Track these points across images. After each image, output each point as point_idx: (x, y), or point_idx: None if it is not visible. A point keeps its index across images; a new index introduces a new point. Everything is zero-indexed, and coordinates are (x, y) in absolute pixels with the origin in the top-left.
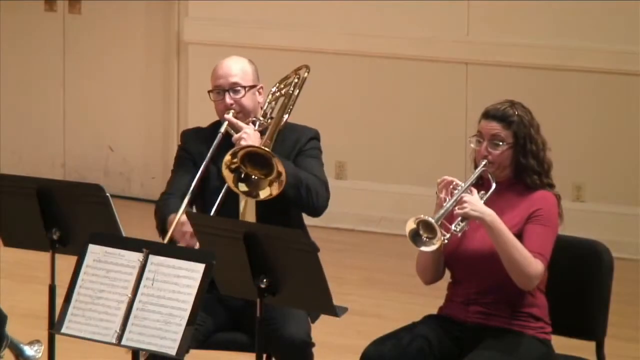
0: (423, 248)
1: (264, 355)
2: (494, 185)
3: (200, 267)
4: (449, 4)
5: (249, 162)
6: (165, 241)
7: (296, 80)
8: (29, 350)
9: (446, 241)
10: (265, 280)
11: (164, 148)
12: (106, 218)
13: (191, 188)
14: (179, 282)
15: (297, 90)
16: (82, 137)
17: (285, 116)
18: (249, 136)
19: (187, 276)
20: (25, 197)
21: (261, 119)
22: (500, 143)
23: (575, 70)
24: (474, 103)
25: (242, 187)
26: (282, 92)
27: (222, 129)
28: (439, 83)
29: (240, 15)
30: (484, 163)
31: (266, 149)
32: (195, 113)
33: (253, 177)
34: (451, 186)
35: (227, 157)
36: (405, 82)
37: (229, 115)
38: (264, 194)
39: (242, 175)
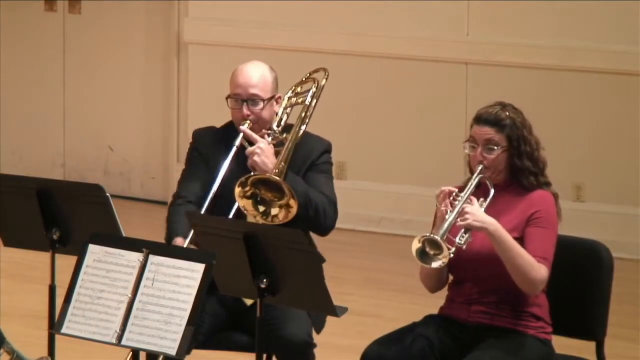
0: (433, 264)
1: (264, 355)
2: (492, 192)
3: (200, 267)
4: (449, 4)
5: (262, 186)
6: None
7: (314, 89)
8: None
9: (452, 255)
10: (265, 280)
11: (164, 148)
12: (106, 218)
13: (205, 206)
14: (179, 282)
15: (315, 101)
16: (82, 137)
17: (303, 127)
18: (263, 151)
19: (187, 276)
20: (25, 197)
21: (275, 129)
22: (495, 147)
23: (575, 70)
24: (474, 103)
25: (261, 208)
26: (299, 100)
27: (237, 142)
28: (439, 83)
29: (240, 15)
30: (480, 168)
31: (276, 177)
32: (195, 113)
33: (266, 199)
34: (451, 197)
35: (238, 189)
36: (406, 82)
37: (245, 127)
38: (274, 212)
39: (259, 198)
